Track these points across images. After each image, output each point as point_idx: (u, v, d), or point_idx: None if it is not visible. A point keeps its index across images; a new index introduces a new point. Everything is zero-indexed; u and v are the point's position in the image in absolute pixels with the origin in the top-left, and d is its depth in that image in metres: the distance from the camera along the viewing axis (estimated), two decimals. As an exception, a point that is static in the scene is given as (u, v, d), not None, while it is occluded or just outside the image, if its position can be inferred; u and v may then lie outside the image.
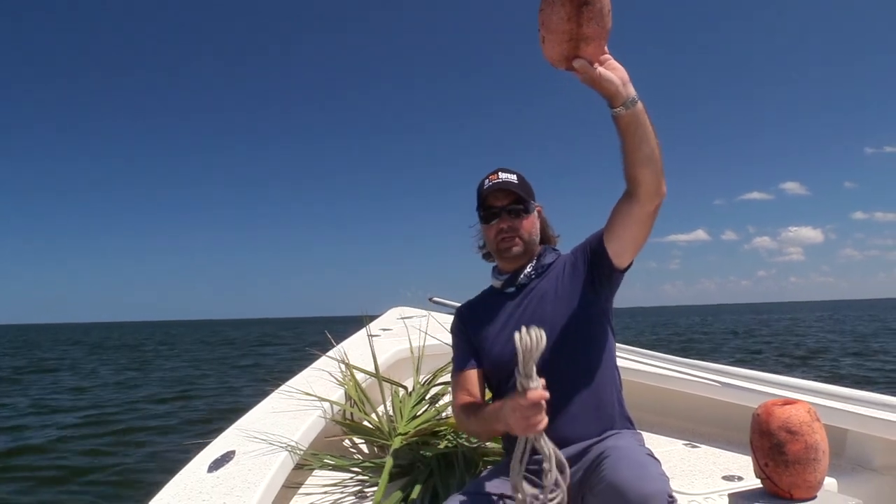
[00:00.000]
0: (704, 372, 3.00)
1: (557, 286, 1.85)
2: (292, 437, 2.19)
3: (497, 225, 1.88)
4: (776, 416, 1.50)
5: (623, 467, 1.46)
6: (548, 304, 1.82)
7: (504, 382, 1.85)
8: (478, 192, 1.91)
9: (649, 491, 1.41)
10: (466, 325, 1.98)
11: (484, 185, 1.89)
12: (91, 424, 9.77)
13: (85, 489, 6.24)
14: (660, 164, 1.61)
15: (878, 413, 2.31)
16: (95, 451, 7.81)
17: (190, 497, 1.76)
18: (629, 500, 1.39)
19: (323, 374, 3.08)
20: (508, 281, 1.91)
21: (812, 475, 1.47)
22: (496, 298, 1.95)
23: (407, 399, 2.88)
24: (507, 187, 1.85)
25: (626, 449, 1.58)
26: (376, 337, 3.88)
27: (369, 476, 2.30)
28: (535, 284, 1.89)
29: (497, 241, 1.89)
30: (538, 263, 1.91)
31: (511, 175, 1.89)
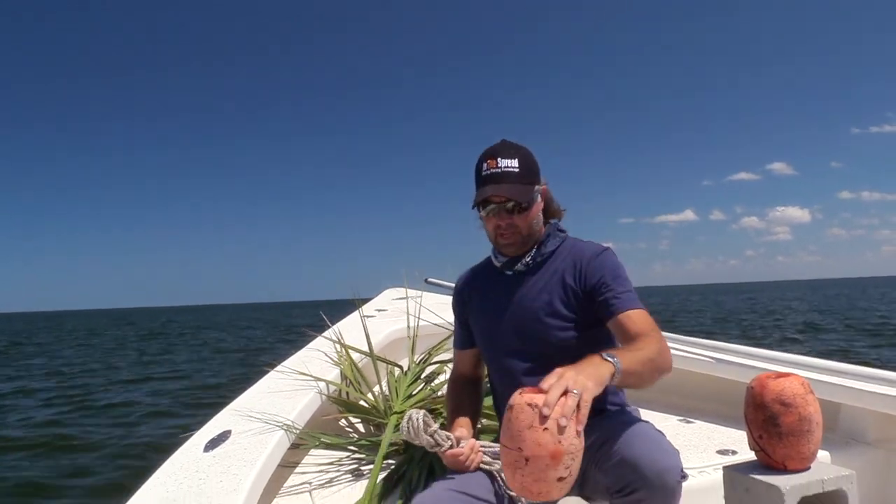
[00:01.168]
0: (698, 348, 3.01)
1: (553, 285, 1.77)
2: (288, 417, 2.19)
3: (495, 221, 1.77)
4: (770, 388, 1.50)
5: (637, 443, 1.46)
6: (535, 302, 1.78)
7: (493, 363, 1.88)
8: (475, 174, 1.78)
9: (665, 465, 1.42)
10: (463, 305, 1.98)
11: (482, 169, 1.75)
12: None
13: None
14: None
15: (872, 387, 2.32)
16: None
17: (187, 476, 1.76)
18: (644, 474, 1.40)
19: (318, 355, 3.08)
20: (507, 264, 1.85)
21: (805, 446, 1.48)
22: (494, 279, 1.89)
23: (402, 378, 2.88)
24: (504, 182, 1.72)
25: (637, 425, 1.58)
26: (371, 317, 3.88)
27: (365, 454, 2.31)
28: (534, 273, 1.82)
29: (494, 236, 1.81)
30: (538, 252, 1.82)
31: (512, 161, 1.73)
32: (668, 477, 1.41)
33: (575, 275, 1.76)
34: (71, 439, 7.69)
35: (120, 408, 10.12)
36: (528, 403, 1.26)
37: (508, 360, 1.81)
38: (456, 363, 2.04)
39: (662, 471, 1.40)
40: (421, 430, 1.59)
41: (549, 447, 1.23)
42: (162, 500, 1.60)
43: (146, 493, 1.68)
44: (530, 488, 1.26)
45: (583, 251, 1.80)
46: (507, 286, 1.85)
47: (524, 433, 1.25)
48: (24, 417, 9.50)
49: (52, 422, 9.07)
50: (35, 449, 7.25)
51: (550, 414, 1.22)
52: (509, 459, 1.28)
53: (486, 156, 1.76)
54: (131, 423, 8.77)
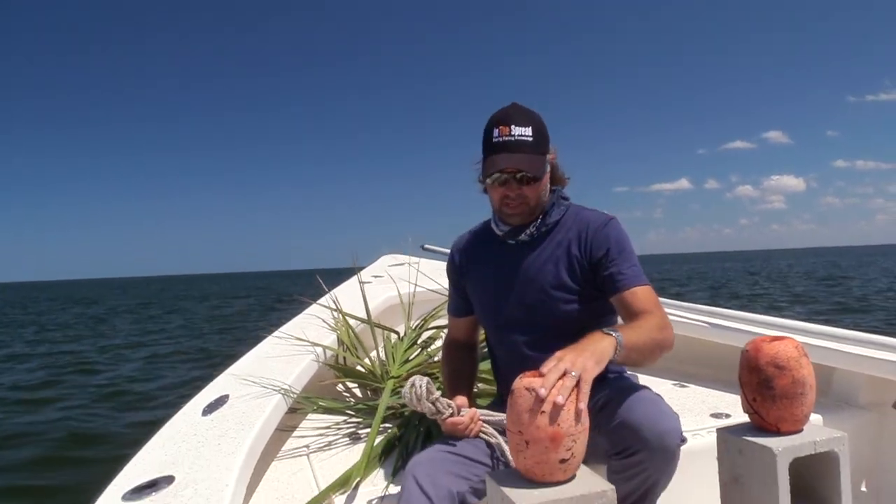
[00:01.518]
0: (693, 313, 3.03)
1: (558, 256, 1.74)
2: (286, 382, 2.20)
3: (503, 191, 1.70)
4: (765, 351, 1.51)
5: (638, 407, 1.48)
6: (540, 273, 1.75)
7: (495, 333, 1.88)
8: (484, 139, 1.71)
9: (666, 428, 1.44)
10: (460, 273, 1.95)
11: (492, 136, 1.67)
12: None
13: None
14: (658, 353, 1.54)
15: (864, 351, 2.34)
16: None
17: (185, 439, 1.78)
18: (645, 437, 1.42)
19: (315, 321, 3.10)
20: (510, 233, 1.80)
21: (799, 409, 1.49)
22: (495, 247, 1.85)
23: (399, 344, 2.90)
24: (518, 151, 1.65)
25: (638, 389, 1.60)
26: (368, 284, 3.89)
27: (363, 418, 2.33)
28: (539, 243, 1.78)
29: (500, 205, 1.75)
30: (543, 222, 1.78)
31: (525, 129, 1.66)
32: (669, 439, 1.43)
33: (581, 246, 1.74)
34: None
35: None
36: (526, 388, 1.28)
37: (511, 332, 1.79)
38: (450, 329, 2.03)
39: (663, 433, 1.43)
40: (424, 397, 1.60)
41: (548, 430, 1.25)
42: (161, 463, 1.62)
43: (145, 457, 1.69)
44: (534, 470, 1.29)
45: (588, 221, 1.77)
46: (510, 256, 1.80)
47: (523, 417, 1.27)
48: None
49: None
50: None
51: (547, 397, 1.24)
52: (513, 442, 1.31)
53: (498, 121, 1.68)
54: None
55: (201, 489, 1.42)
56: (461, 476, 1.55)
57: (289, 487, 1.81)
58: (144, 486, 1.47)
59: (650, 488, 1.51)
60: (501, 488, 1.29)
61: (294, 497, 1.73)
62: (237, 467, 1.54)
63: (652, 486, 1.50)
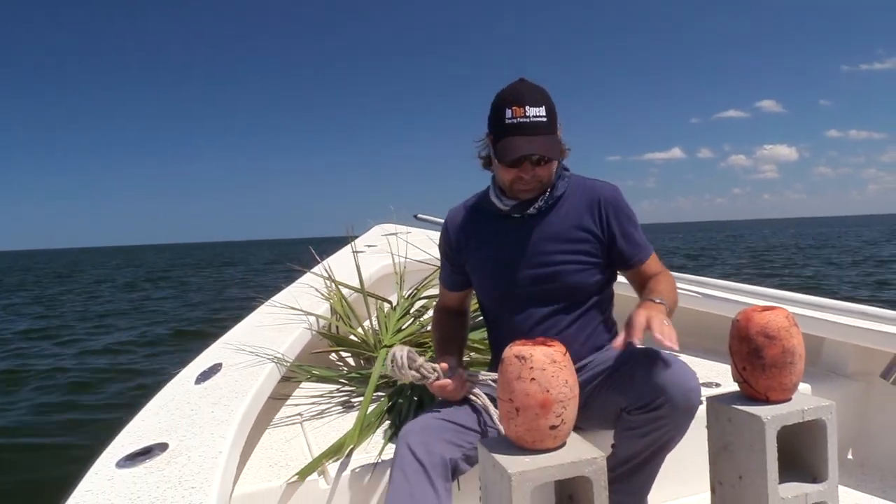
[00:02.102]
0: (685, 283, 3.04)
1: (569, 228, 1.74)
2: (279, 350, 2.21)
3: (516, 172, 1.66)
4: (755, 321, 1.52)
5: (664, 364, 1.51)
6: (551, 246, 1.73)
7: (504, 308, 1.82)
8: (494, 118, 1.66)
9: (692, 385, 1.49)
10: (457, 249, 1.88)
11: (504, 116, 1.62)
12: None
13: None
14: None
15: (853, 321, 2.37)
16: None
17: (178, 407, 1.79)
18: (670, 392, 1.46)
19: (308, 290, 3.10)
20: (516, 208, 1.75)
21: (788, 378, 1.50)
22: (497, 222, 1.80)
23: (392, 313, 2.91)
24: (536, 134, 1.61)
25: (659, 351, 1.59)
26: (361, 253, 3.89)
27: (356, 387, 2.34)
28: (545, 216, 1.75)
29: (511, 184, 1.70)
30: (550, 195, 1.74)
31: (539, 109, 1.61)
32: (693, 397, 1.48)
33: (594, 217, 1.75)
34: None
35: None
36: (515, 356, 1.30)
37: (519, 306, 1.77)
38: (442, 298, 2.01)
39: (689, 391, 1.47)
40: (405, 367, 1.60)
41: (538, 397, 1.26)
42: (155, 430, 1.62)
43: (139, 424, 1.70)
44: (524, 437, 1.30)
45: (596, 191, 1.77)
46: (516, 230, 1.77)
47: (513, 384, 1.28)
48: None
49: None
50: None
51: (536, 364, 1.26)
52: (503, 410, 1.33)
53: (510, 101, 1.62)
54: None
55: (195, 456, 1.43)
56: (454, 443, 1.56)
57: (282, 455, 1.83)
58: (138, 453, 1.48)
59: (663, 446, 1.55)
60: (493, 455, 1.31)
61: (287, 464, 1.75)
62: (231, 435, 1.54)
63: (665, 443, 1.54)
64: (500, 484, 1.28)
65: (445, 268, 1.96)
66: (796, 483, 1.52)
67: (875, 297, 11.69)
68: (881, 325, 2.28)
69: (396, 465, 1.51)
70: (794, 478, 1.53)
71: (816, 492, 1.50)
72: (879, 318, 2.34)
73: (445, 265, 1.96)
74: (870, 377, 2.39)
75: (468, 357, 2.40)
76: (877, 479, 2.19)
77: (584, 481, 1.29)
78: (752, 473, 1.49)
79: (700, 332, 2.84)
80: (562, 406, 1.28)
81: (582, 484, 1.31)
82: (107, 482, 1.34)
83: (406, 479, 1.48)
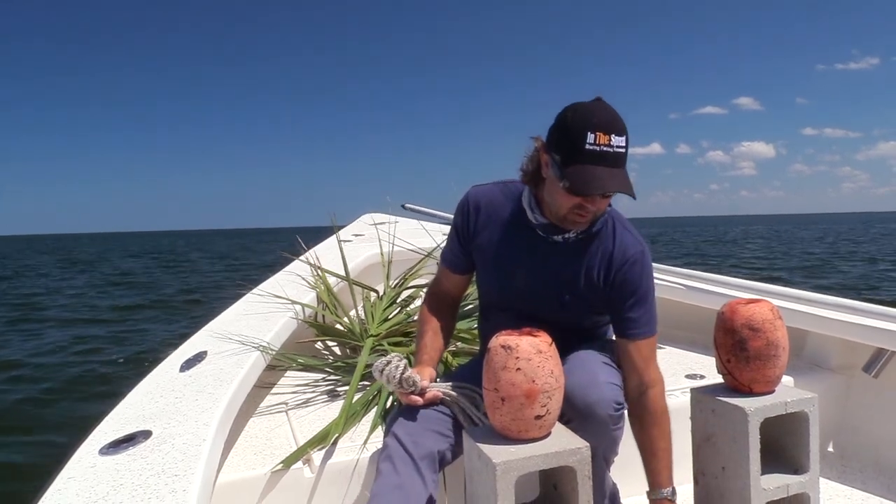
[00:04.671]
0: (670, 276, 3.06)
1: (584, 271, 1.63)
2: (264, 339, 2.20)
3: (581, 202, 1.49)
4: (740, 313, 1.53)
5: (574, 375, 1.48)
6: (558, 284, 1.65)
7: (495, 309, 1.80)
8: (570, 139, 1.45)
9: (594, 398, 1.46)
10: (472, 229, 1.75)
11: (585, 139, 1.42)
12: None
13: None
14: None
15: (837, 315, 2.39)
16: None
17: (163, 394, 1.77)
18: (576, 406, 1.43)
19: (294, 278, 3.09)
20: (545, 228, 1.63)
21: (771, 370, 1.51)
22: (523, 228, 1.67)
23: (378, 303, 2.90)
24: (617, 166, 1.45)
25: (582, 358, 1.60)
26: (348, 242, 3.87)
27: (341, 376, 2.34)
28: (567, 248, 1.64)
29: (568, 213, 1.53)
30: (587, 231, 1.63)
31: (622, 139, 1.44)
32: (599, 409, 1.45)
33: (608, 275, 1.63)
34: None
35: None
36: (501, 345, 1.30)
37: (513, 315, 1.70)
38: (440, 279, 1.88)
39: (592, 403, 1.45)
40: (395, 380, 1.54)
41: (523, 387, 1.27)
42: (138, 417, 1.61)
43: (122, 411, 1.69)
44: (509, 427, 1.30)
45: (623, 250, 1.63)
46: (537, 249, 1.66)
47: (499, 374, 1.28)
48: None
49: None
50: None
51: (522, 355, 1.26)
52: (489, 400, 1.33)
53: (598, 125, 1.43)
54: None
55: (179, 444, 1.42)
56: (441, 434, 1.56)
57: (267, 443, 1.82)
58: (121, 440, 1.47)
59: (594, 455, 1.44)
60: (478, 444, 1.31)
61: (272, 453, 1.74)
62: (215, 422, 1.54)
63: (592, 452, 1.44)
64: (484, 473, 1.28)
65: (453, 246, 1.81)
66: (778, 474, 1.53)
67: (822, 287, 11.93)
68: (864, 319, 2.30)
69: (384, 455, 1.51)
70: (776, 469, 1.54)
71: (798, 483, 1.52)
72: (863, 312, 2.36)
73: (453, 243, 1.81)
74: (852, 370, 2.42)
75: (454, 347, 2.40)
76: (857, 472, 2.22)
77: (569, 471, 1.30)
78: (735, 465, 1.50)
79: (685, 324, 2.86)
80: (547, 396, 1.28)
81: (566, 474, 1.32)
82: (90, 469, 1.33)
83: (394, 469, 1.48)
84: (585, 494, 1.31)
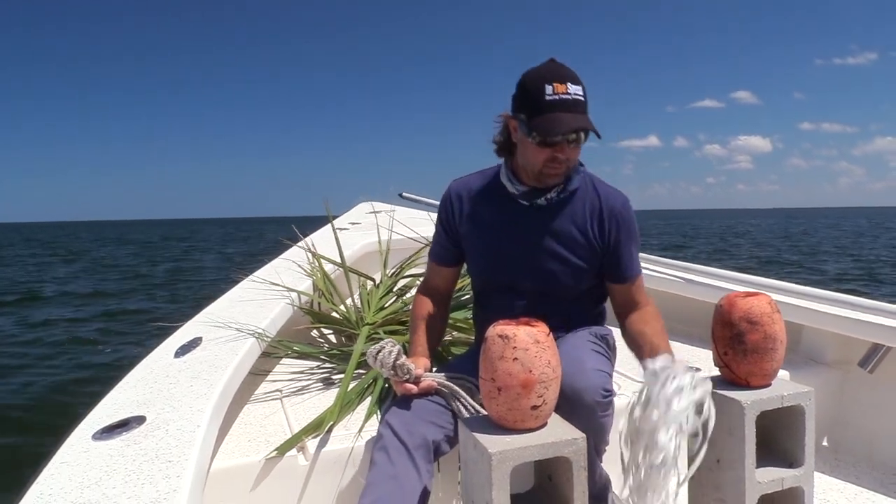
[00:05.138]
0: (668, 269, 3.06)
1: (574, 229, 1.70)
2: (259, 326, 2.19)
3: (552, 152, 1.58)
4: (738, 307, 1.52)
5: (562, 362, 1.46)
6: (550, 244, 1.70)
7: (489, 291, 1.82)
8: (532, 97, 1.56)
9: (581, 386, 1.46)
10: (456, 220, 1.81)
11: (544, 92, 1.54)
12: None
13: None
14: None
15: (834, 309, 2.39)
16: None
17: (157, 380, 1.77)
18: (564, 392, 1.42)
19: (290, 266, 3.08)
20: (526, 195, 1.71)
21: (768, 364, 1.51)
22: (504, 204, 1.74)
23: (374, 291, 2.90)
24: (578, 111, 1.55)
25: (571, 345, 1.61)
26: (345, 230, 3.87)
27: (336, 364, 2.33)
28: (551, 212, 1.71)
29: (543, 166, 1.62)
30: (564, 189, 1.70)
31: (579, 88, 1.55)
32: (586, 396, 1.46)
33: (600, 225, 1.71)
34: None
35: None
36: (498, 335, 1.29)
37: (508, 293, 1.75)
38: (430, 276, 1.93)
39: (579, 391, 1.46)
40: (388, 365, 1.55)
41: (520, 377, 1.26)
42: (132, 403, 1.61)
43: (116, 397, 1.68)
44: (506, 417, 1.30)
45: (608, 200, 1.72)
46: (522, 218, 1.72)
47: (495, 364, 1.28)
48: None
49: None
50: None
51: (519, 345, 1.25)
52: (485, 390, 1.32)
53: (552, 78, 1.55)
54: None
55: (173, 430, 1.42)
56: (436, 424, 1.56)
57: (261, 430, 1.82)
58: (115, 425, 1.46)
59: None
60: (473, 434, 1.31)
61: (267, 440, 1.74)
62: (209, 409, 1.53)
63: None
64: (480, 463, 1.28)
65: (440, 239, 1.87)
66: (773, 468, 1.53)
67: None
68: (861, 314, 2.31)
69: (378, 445, 1.50)
70: (771, 462, 1.54)
71: (792, 476, 1.52)
72: (859, 307, 2.36)
73: (440, 236, 1.86)
74: (847, 365, 2.42)
75: (450, 336, 2.40)
76: (850, 466, 2.22)
77: (564, 462, 1.30)
78: (731, 457, 1.50)
79: (683, 317, 2.86)
80: (543, 387, 1.28)
81: (562, 464, 1.32)
82: (83, 454, 1.32)
83: (389, 459, 1.48)
84: (581, 485, 1.30)
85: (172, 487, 1.17)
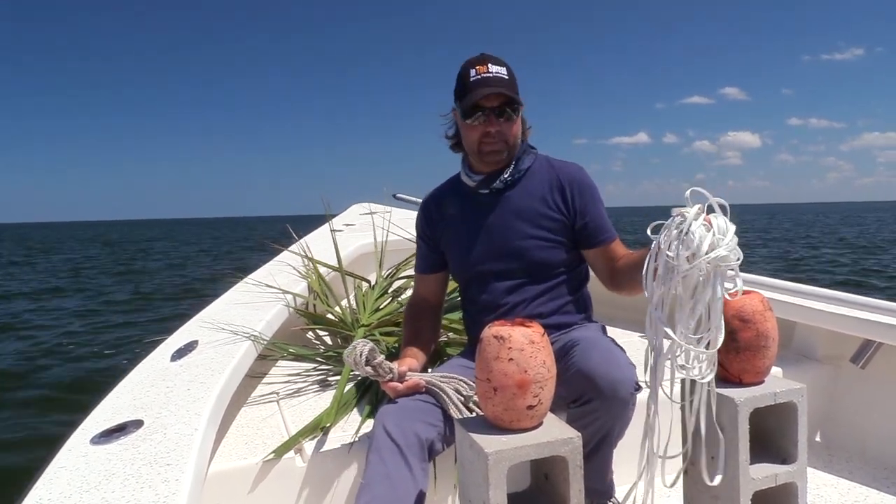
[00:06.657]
0: None
1: (536, 204, 1.77)
2: (255, 328, 2.20)
3: (483, 127, 1.71)
4: (730, 304, 1.53)
5: (594, 356, 1.51)
6: (516, 222, 1.77)
7: (471, 285, 1.87)
8: (460, 83, 1.74)
9: (618, 377, 1.47)
10: (432, 227, 1.93)
11: (469, 75, 1.70)
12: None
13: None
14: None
15: (825, 306, 2.40)
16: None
17: (154, 384, 1.77)
18: (598, 385, 1.45)
19: (285, 268, 3.08)
20: (483, 183, 1.81)
21: (761, 361, 1.52)
22: (467, 199, 1.85)
23: (370, 292, 2.90)
24: (498, 85, 1.69)
25: (595, 339, 1.62)
26: (339, 232, 3.87)
27: (333, 366, 2.34)
28: (510, 193, 1.80)
29: (479, 144, 1.74)
30: (515, 168, 1.79)
31: (501, 68, 1.71)
32: (621, 388, 1.47)
33: (560, 196, 1.78)
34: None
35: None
36: (494, 336, 1.30)
37: (487, 281, 1.81)
38: (418, 288, 2.01)
39: (615, 382, 1.47)
40: (362, 363, 1.58)
41: (515, 377, 1.27)
42: (130, 407, 1.61)
43: (114, 401, 1.68)
44: (502, 417, 1.31)
45: (562, 170, 1.81)
46: (485, 206, 1.81)
47: (491, 364, 1.29)
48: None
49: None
50: None
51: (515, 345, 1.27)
52: (481, 390, 1.33)
53: (475, 62, 1.72)
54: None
55: (170, 433, 1.42)
56: (430, 424, 1.57)
57: (258, 433, 1.82)
58: (113, 429, 1.46)
59: (605, 436, 1.54)
60: (470, 434, 1.32)
61: (264, 442, 1.74)
62: (207, 412, 1.54)
63: (607, 433, 1.54)
64: (476, 463, 1.29)
65: (421, 252, 1.97)
66: (766, 464, 1.54)
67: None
68: (852, 311, 2.32)
69: (373, 446, 1.51)
70: (764, 459, 1.56)
71: (786, 472, 1.53)
72: (851, 304, 2.38)
73: (422, 249, 1.97)
74: (839, 361, 2.44)
75: (445, 338, 2.41)
76: (843, 461, 2.24)
77: (560, 461, 1.31)
78: (724, 454, 1.51)
79: None
80: (539, 386, 1.29)
81: (558, 464, 1.33)
82: (81, 458, 1.33)
83: (382, 460, 1.49)
84: (577, 484, 1.31)
85: (171, 491, 1.18)
